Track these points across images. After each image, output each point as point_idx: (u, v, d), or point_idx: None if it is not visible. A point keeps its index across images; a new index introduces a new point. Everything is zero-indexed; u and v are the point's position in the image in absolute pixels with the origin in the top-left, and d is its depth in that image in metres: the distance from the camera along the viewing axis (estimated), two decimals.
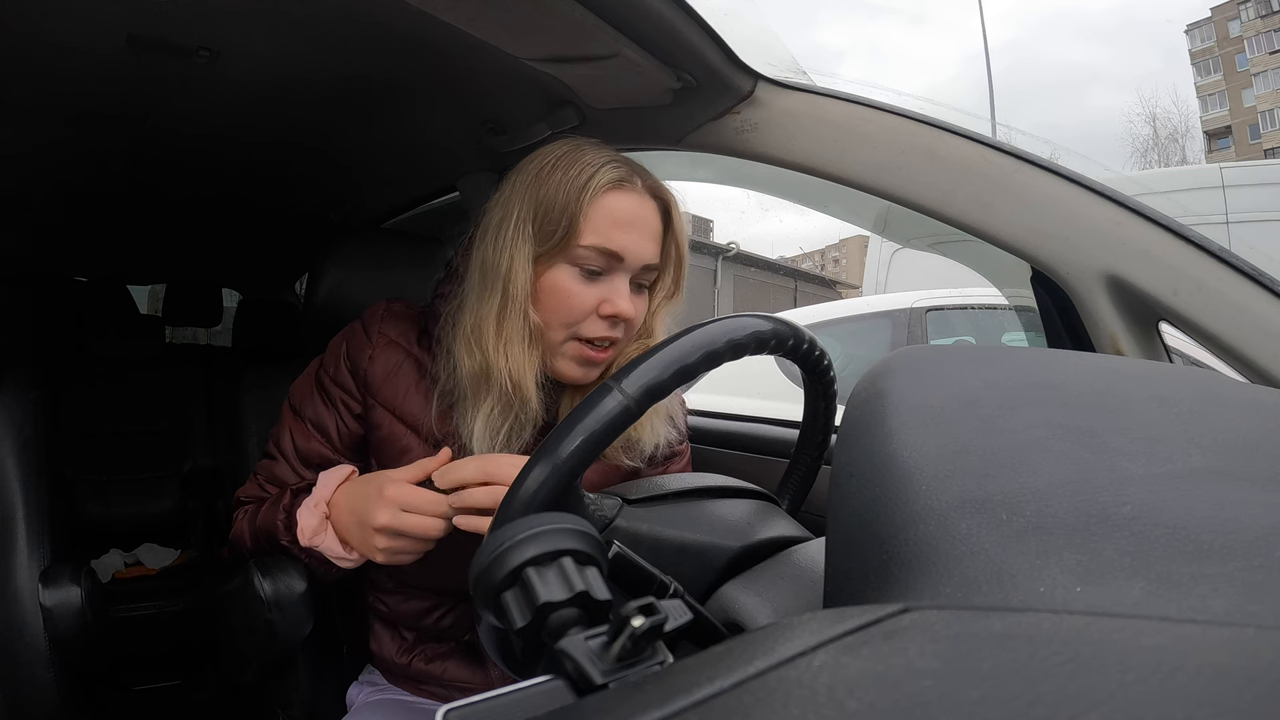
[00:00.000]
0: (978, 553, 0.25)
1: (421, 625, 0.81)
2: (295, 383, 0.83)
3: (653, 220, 0.71)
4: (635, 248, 0.70)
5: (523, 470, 0.47)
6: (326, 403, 0.79)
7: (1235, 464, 0.29)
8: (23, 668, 0.87)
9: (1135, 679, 0.16)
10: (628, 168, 0.71)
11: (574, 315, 0.70)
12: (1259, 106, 22.99)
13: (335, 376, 0.79)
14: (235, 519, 0.82)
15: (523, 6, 0.72)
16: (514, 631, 0.33)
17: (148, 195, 1.52)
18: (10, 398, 0.95)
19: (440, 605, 0.80)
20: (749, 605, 0.48)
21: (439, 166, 1.29)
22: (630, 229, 0.69)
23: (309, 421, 0.79)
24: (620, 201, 0.69)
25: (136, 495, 1.92)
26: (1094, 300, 0.67)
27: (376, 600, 0.83)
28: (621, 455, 0.74)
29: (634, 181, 0.71)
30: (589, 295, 0.69)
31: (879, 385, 0.35)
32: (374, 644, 0.84)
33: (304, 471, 0.79)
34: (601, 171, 0.69)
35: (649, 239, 0.71)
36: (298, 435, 0.79)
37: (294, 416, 0.80)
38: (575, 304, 0.69)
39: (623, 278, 0.70)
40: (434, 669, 0.81)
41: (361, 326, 0.80)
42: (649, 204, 0.71)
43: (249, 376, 1.11)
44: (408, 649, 0.82)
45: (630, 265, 0.70)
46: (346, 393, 0.78)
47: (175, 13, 0.82)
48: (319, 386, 0.80)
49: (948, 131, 0.73)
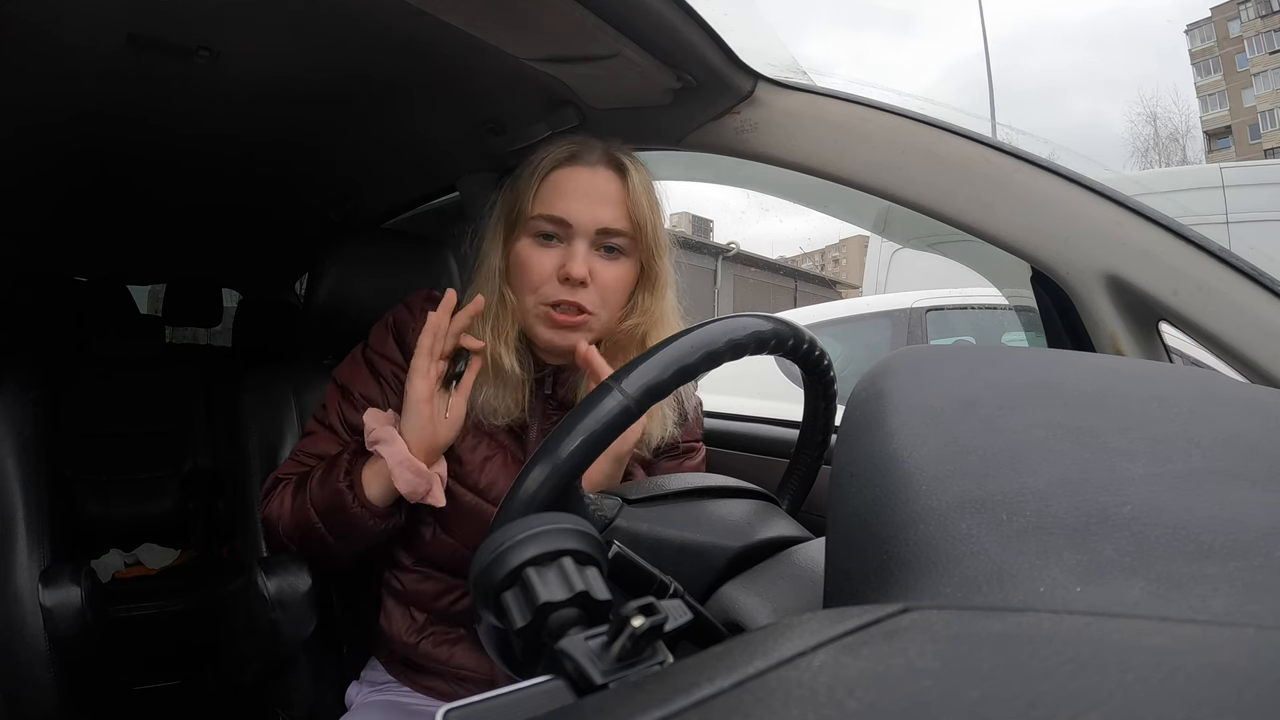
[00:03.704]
0: (978, 553, 0.25)
1: (435, 607, 0.82)
2: (339, 366, 0.87)
3: (605, 187, 0.75)
4: (582, 213, 0.74)
5: (523, 470, 0.47)
6: (375, 376, 0.83)
7: (1235, 464, 0.29)
8: (23, 668, 0.87)
9: (1135, 679, 0.16)
10: (584, 146, 0.77)
11: (535, 280, 0.75)
12: (1259, 106, 22.99)
13: (383, 350, 0.83)
14: (272, 496, 0.81)
15: (523, 6, 0.72)
16: (514, 631, 0.33)
17: (148, 195, 1.53)
18: (10, 398, 0.95)
19: (455, 588, 0.81)
20: (749, 605, 0.48)
21: (439, 166, 1.29)
22: (574, 197, 0.74)
23: (359, 395, 0.82)
24: (565, 174, 0.75)
25: (136, 495, 1.93)
26: (1094, 300, 0.67)
27: (392, 577, 0.84)
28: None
29: (585, 156, 0.76)
30: (547, 261, 0.75)
31: (879, 385, 0.35)
32: (384, 621, 0.84)
33: (350, 440, 0.81)
34: (555, 152, 0.76)
35: (601, 204, 0.75)
36: (346, 408, 0.82)
37: (342, 393, 0.84)
38: (534, 270, 0.75)
39: (580, 243, 0.74)
40: (440, 653, 0.82)
41: (405, 306, 0.85)
42: (601, 173, 0.76)
43: (249, 376, 1.11)
44: (417, 630, 0.83)
45: (582, 230, 0.74)
46: (394, 364, 0.82)
47: (175, 13, 0.82)
48: (367, 363, 0.84)
49: (948, 131, 0.73)
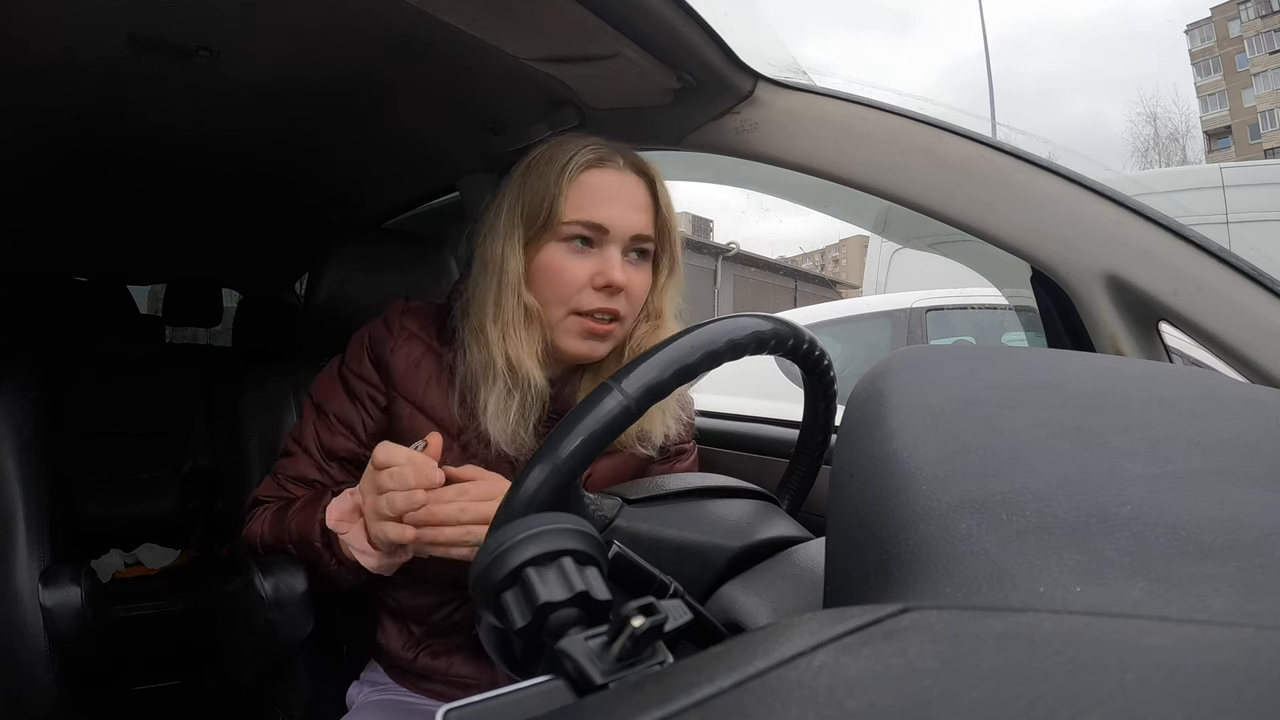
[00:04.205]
0: (978, 553, 0.25)
1: (430, 620, 0.81)
2: (316, 380, 0.84)
3: (636, 193, 0.73)
4: (620, 219, 0.71)
5: (523, 470, 0.47)
6: (351, 397, 0.80)
7: (1235, 464, 0.29)
8: (23, 668, 0.87)
9: (1135, 679, 0.16)
10: (608, 148, 0.74)
11: (569, 290, 0.72)
12: (1259, 106, 22.98)
13: (359, 370, 0.80)
14: (251, 517, 0.81)
15: (523, 6, 0.72)
16: (514, 631, 0.33)
17: (148, 195, 1.53)
18: (10, 398, 0.95)
19: (450, 600, 0.81)
20: (749, 605, 0.48)
21: (439, 166, 1.29)
22: (612, 202, 0.72)
23: (333, 416, 0.80)
24: (599, 178, 0.72)
25: (136, 495, 1.92)
26: (1094, 300, 0.67)
27: (386, 595, 0.83)
28: (636, 444, 0.76)
29: (614, 159, 0.73)
30: (581, 269, 0.72)
31: (879, 385, 0.35)
32: (381, 637, 0.84)
33: (328, 467, 0.80)
34: (580, 154, 0.72)
35: (634, 210, 0.73)
36: (322, 431, 0.80)
37: (317, 413, 0.81)
38: (568, 278, 0.71)
39: (613, 249, 0.72)
40: (439, 664, 0.81)
41: (383, 321, 0.81)
42: (631, 178, 0.74)
43: (249, 376, 1.11)
44: (414, 643, 0.82)
45: (618, 236, 0.72)
46: (371, 385, 0.79)
47: (175, 13, 0.82)
48: (343, 381, 0.81)
49: (948, 131, 0.73)
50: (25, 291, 1.86)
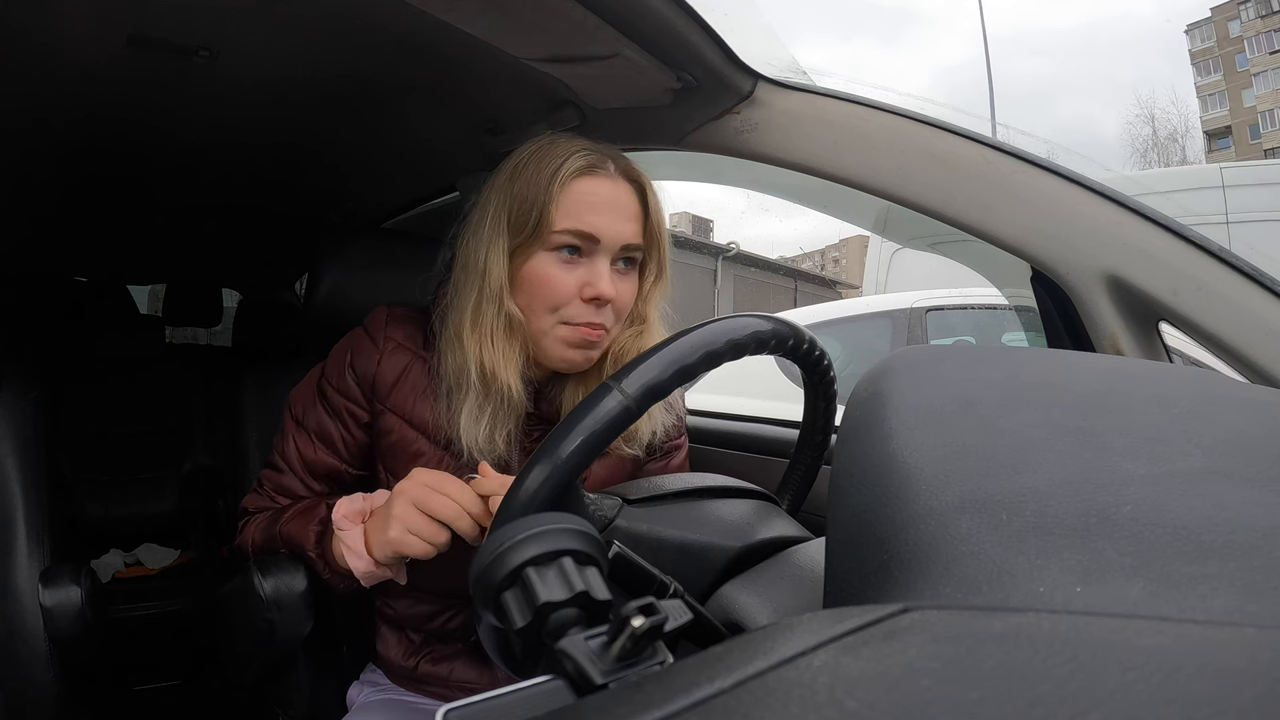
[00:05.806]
0: (978, 553, 0.25)
1: (429, 628, 0.81)
2: (295, 390, 0.82)
3: (627, 202, 0.71)
4: (611, 228, 0.70)
5: (523, 470, 0.47)
6: (330, 413, 0.78)
7: (1235, 464, 0.29)
8: (23, 668, 0.87)
9: (1135, 679, 0.16)
10: (599, 154, 0.71)
11: (556, 300, 0.70)
12: (1259, 106, 22.97)
13: (339, 386, 0.77)
14: (241, 528, 0.81)
15: (523, 6, 0.72)
16: (514, 631, 0.33)
17: (148, 195, 1.52)
18: (11, 398, 0.95)
19: (448, 608, 0.80)
20: (749, 605, 0.49)
21: (438, 167, 1.29)
22: (603, 211, 0.70)
23: (312, 432, 0.78)
24: (591, 185, 0.70)
25: (137, 495, 1.92)
26: (1094, 300, 0.67)
27: (384, 605, 0.83)
28: (622, 445, 0.75)
29: (605, 166, 0.71)
30: (569, 279, 0.70)
31: (879, 385, 0.35)
32: (380, 646, 0.84)
33: (312, 482, 0.79)
34: (571, 159, 0.69)
35: (625, 220, 0.71)
36: (302, 445, 0.78)
37: (296, 426, 0.79)
38: (556, 289, 0.70)
39: (603, 260, 0.70)
40: (440, 670, 0.81)
41: (365, 333, 0.78)
42: (622, 186, 0.71)
43: (249, 376, 1.11)
44: (414, 651, 0.82)
45: (608, 246, 0.70)
46: (352, 402, 0.77)
47: (175, 13, 0.82)
48: (321, 397, 0.79)
49: (948, 131, 0.73)
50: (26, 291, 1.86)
